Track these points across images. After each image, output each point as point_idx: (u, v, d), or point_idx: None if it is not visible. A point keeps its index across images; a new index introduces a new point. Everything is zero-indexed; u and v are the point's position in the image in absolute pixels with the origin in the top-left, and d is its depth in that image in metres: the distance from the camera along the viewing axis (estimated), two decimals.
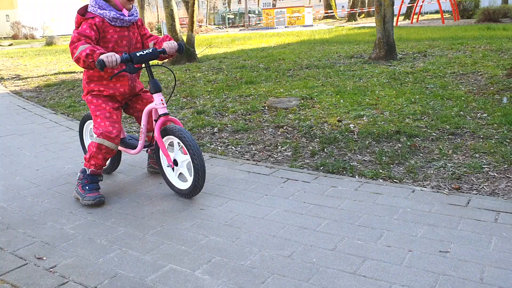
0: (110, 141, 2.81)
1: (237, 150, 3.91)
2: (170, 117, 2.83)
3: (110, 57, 2.54)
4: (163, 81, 7.63)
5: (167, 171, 2.94)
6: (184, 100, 6.03)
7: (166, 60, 2.49)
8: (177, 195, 2.92)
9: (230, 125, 4.64)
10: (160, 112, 2.81)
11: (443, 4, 26.28)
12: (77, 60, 2.63)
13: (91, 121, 3.29)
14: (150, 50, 2.74)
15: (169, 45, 2.82)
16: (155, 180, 3.24)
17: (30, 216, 2.70)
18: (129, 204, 2.83)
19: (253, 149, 3.93)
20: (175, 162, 2.85)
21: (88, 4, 2.82)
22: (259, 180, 3.14)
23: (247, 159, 3.67)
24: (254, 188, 3.00)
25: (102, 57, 2.52)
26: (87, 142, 3.47)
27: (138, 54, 2.68)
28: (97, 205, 2.81)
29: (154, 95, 2.81)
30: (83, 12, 2.79)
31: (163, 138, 2.83)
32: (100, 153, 2.84)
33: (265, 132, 4.38)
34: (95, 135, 2.84)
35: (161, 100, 2.80)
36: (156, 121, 2.87)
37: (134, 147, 3.07)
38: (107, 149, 2.83)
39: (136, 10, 2.89)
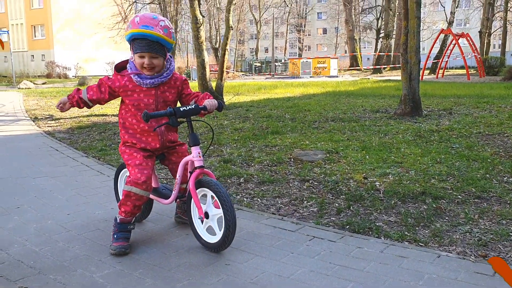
0: (138, 187, 2.89)
1: (262, 203, 3.97)
2: (205, 170, 2.93)
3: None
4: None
5: (197, 223, 3.00)
6: (212, 148, 6.16)
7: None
8: (203, 248, 2.96)
9: (256, 176, 4.71)
10: (196, 164, 2.92)
11: (469, 61, 26.42)
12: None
13: (126, 169, 3.42)
14: (193, 106, 2.92)
15: (210, 103, 2.96)
16: (181, 231, 3.30)
17: (61, 262, 2.77)
18: (156, 255, 2.89)
19: (279, 202, 3.98)
20: (206, 215, 2.92)
21: (126, 60, 3.05)
22: (285, 236, 3.17)
23: (273, 213, 3.71)
24: (280, 245, 3.03)
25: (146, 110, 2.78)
26: (120, 190, 3.57)
27: (181, 109, 2.87)
28: (119, 255, 2.87)
29: (192, 148, 2.94)
30: (118, 68, 3.05)
31: (196, 189, 2.91)
32: (129, 200, 2.93)
33: (290, 185, 4.43)
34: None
35: (199, 153, 2.93)
36: (191, 173, 2.97)
37: (167, 197, 3.17)
38: (136, 195, 2.91)
39: (168, 73, 3.01)
